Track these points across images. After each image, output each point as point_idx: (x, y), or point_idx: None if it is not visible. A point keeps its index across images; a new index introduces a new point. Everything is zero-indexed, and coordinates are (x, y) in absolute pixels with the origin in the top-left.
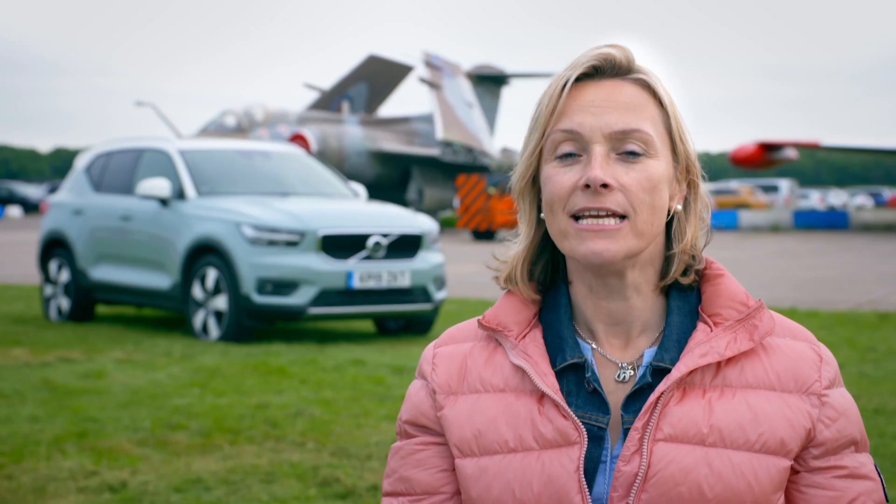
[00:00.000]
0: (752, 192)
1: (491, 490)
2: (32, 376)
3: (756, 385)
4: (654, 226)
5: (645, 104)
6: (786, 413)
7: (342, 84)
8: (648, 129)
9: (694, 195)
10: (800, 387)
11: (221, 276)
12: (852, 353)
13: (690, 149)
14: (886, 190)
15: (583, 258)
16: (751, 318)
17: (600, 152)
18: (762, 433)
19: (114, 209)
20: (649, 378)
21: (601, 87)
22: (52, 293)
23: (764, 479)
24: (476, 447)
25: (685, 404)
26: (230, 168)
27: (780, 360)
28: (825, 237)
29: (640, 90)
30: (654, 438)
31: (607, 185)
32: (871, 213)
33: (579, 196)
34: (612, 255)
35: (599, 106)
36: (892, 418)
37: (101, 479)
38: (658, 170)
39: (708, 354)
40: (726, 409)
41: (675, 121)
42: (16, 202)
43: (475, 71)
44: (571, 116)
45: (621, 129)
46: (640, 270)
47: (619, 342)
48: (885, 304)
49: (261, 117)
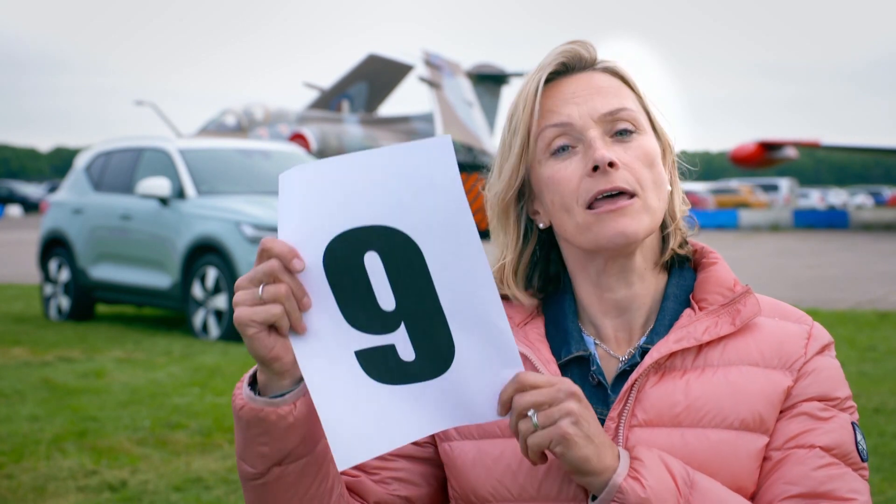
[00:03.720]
0: (752, 191)
1: (491, 473)
2: (32, 376)
3: (738, 362)
4: (661, 201)
5: (620, 88)
6: (765, 389)
7: (342, 83)
8: (633, 107)
9: (673, 175)
10: (784, 363)
11: (221, 275)
12: (852, 353)
13: (667, 127)
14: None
15: (608, 241)
16: (735, 303)
17: (597, 135)
18: (740, 410)
19: (114, 208)
20: (638, 359)
21: (575, 80)
22: (52, 292)
23: (742, 456)
24: (475, 430)
25: (662, 387)
26: (230, 167)
27: (766, 338)
28: (825, 236)
29: (611, 77)
30: (630, 425)
31: (613, 163)
32: (870, 213)
33: (589, 182)
34: (635, 232)
35: (581, 95)
36: (892, 417)
37: (100, 479)
38: (651, 144)
39: (683, 339)
40: (705, 389)
41: (649, 103)
42: (16, 201)
43: (475, 70)
44: (557, 111)
45: (609, 109)
46: (643, 254)
47: (624, 335)
48: (884, 304)
49: (261, 117)
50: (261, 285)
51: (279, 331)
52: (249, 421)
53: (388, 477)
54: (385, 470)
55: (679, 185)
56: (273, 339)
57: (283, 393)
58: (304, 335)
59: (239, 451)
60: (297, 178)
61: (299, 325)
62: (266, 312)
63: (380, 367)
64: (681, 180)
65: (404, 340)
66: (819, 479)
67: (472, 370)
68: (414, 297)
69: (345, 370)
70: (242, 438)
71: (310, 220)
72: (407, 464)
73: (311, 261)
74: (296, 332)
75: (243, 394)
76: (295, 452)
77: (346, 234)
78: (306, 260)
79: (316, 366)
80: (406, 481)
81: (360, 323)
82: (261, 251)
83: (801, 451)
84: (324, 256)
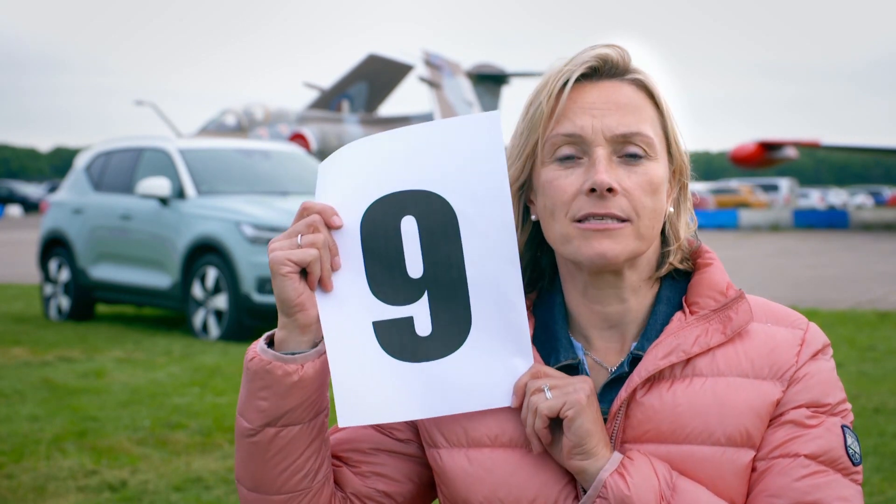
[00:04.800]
0: (752, 191)
1: (483, 483)
2: (32, 375)
3: (727, 372)
4: (655, 229)
5: (643, 106)
6: (754, 402)
7: (342, 83)
8: (649, 132)
9: (683, 196)
10: (774, 373)
11: (221, 275)
12: (852, 352)
13: (684, 150)
14: (886, 189)
15: (587, 260)
16: (726, 309)
17: (603, 155)
18: (727, 425)
19: (114, 208)
20: (626, 367)
21: (600, 88)
22: (52, 292)
23: (727, 472)
24: (465, 439)
25: (649, 400)
26: (230, 167)
27: (756, 346)
28: (825, 236)
29: (637, 91)
30: (620, 441)
31: (612, 189)
32: (870, 212)
33: (583, 201)
34: (616, 256)
35: (600, 108)
36: (892, 417)
37: (100, 478)
38: (658, 172)
39: (672, 354)
40: (692, 402)
41: (671, 123)
42: (16, 201)
43: (475, 70)
44: (572, 119)
45: (623, 132)
46: (638, 271)
47: (615, 346)
48: (884, 303)
49: (261, 116)
50: (299, 235)
51: (310, 279)
52: (256, 372)
53: (368, 471)
54: (365, 464)
55: (688, 204)
56: (303, 286)
57: (296, 354)
58: (329, 295)
59: (240, 406)
60: (336, 156)
61: (328, 280)
62: (303, 253)
63: (394, 342)
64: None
65: (424, 313)
66: (803, 489)
67: (484, 350)
68: (442, 265)
69: (361, 338)
70: (246, 391)
71: (350, 186)
72: (388, 459)
73: (349, 223)
74: (324, 287)
75: (257, 347)
76: (291, 415)
77: (386, 196)
78: (344, 221)
79: (336, 327)
80: (385, 476)
81: (383, 293)
82: (301, 210)
83: (785, 460)
84: (363, 217)
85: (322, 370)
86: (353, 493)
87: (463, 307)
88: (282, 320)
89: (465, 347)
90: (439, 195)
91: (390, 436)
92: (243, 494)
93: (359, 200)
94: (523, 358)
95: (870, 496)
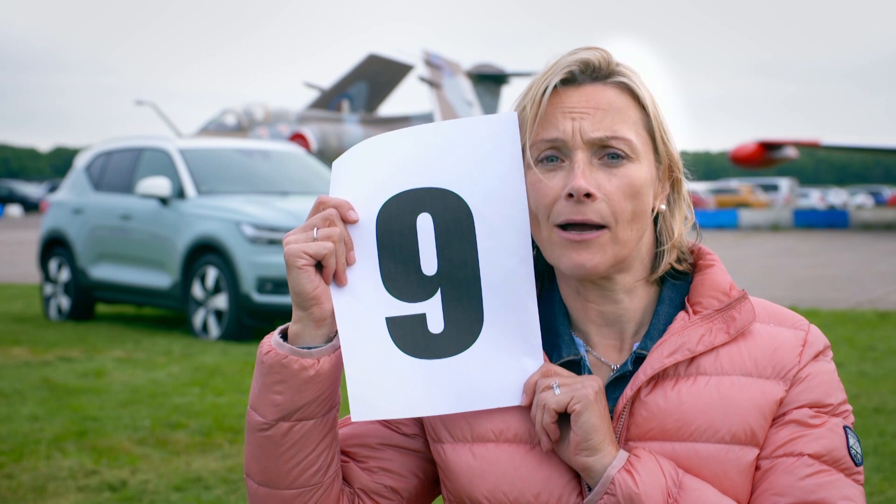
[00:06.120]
0: (752, 190)
1: (487, 478)
2: (32, 375)
3: (731, 371)
4: (635, 231)
5: (626, 108)
6: (758, 401)
7: (342, 83)
8: (629, 135)
9: (677, 193)
10: (777, 372)
11: (221, 275)
12: (852, 352)
13: (672, 148)
14: (886, 189)
15: (567, 270)
16: (730, 309)
17: (583, 159)
18: (731, 424)
19: (114, 208)
20: (630, 366)
21: (581, 92)
22: (52, 292)
23: (732, 470)
24: (470, 434)
25: (654, 398)
26: (230, 167)
27: (760, 346)
28: (825, 236)
29: (620, 93)
30: (625, 439)
31: (590, 194)
32: (870, 212)
33: (563, 205)
34: (595, 266)
35: (580, 112)
36: (892, 417)
37: (100, 478)
38: (640, 174)
39: (677, 352)
40: (696, 400)
41: (657, 122)
42: (16, 201)
43: (475, 70)
44: (554, 123)
45: (600, 136)
46: (630, 272)
47: (613, 343)
48: (884, 303)
49: (261, 116)
50: (315, 229)
51: (325, 273)
52: (272, 366)
53: (376, 466)
54: (373, 459)
55: (683, 202)
56: (318, 279)
57: (311, 348)
58: (343, 290)
59: (252, 400)
60: (351, 153)
61: (343, 274)
62: (318, 246)
63: (406, 338)
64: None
65: (436, 310)
66: (808, 488)
67: (495, 349)
68: (456, 263)
69: (374, 333)
70: (259, 385)
71: (366, 182)
72: (395, 454)
73: (365, 218)
74: (338, 282)
75: (272, 341)
76: (306, 410)
77: (403, 193)
78: (360, 216)
79: (350, 321)
80: (392, 472)
81: (396, 289)
82: (317, 203)
83: (790, 459)
84: (378, 213)
85: (337, 365)
86: (360, 489)
87: (476, 306)
88: (297, 314)
89: (477, 346)
90: (456, 193)
91: (397, 431)
92: (252, 489)
93: (375, 197)
94: (533, 358)
95: (870, 496)
